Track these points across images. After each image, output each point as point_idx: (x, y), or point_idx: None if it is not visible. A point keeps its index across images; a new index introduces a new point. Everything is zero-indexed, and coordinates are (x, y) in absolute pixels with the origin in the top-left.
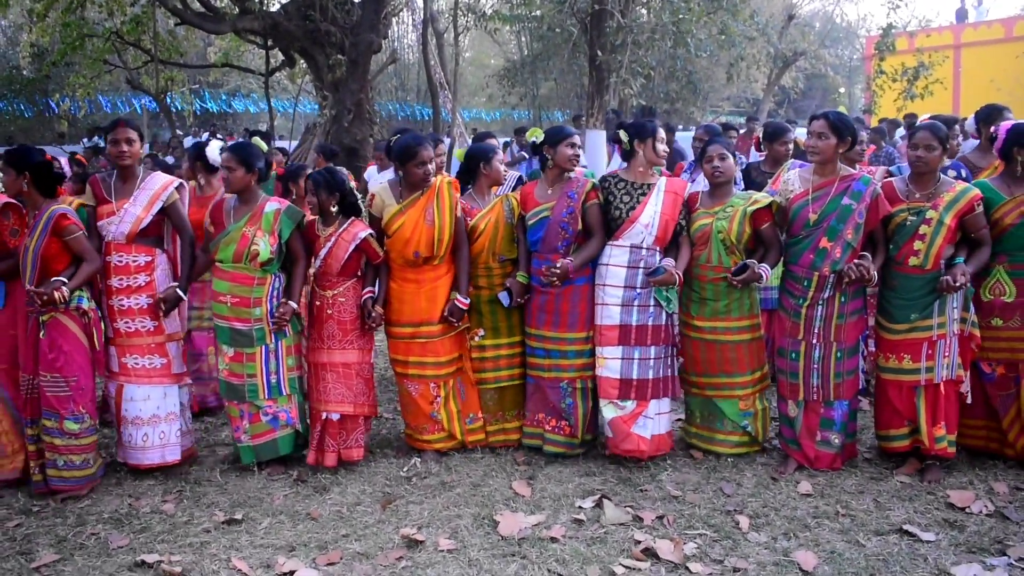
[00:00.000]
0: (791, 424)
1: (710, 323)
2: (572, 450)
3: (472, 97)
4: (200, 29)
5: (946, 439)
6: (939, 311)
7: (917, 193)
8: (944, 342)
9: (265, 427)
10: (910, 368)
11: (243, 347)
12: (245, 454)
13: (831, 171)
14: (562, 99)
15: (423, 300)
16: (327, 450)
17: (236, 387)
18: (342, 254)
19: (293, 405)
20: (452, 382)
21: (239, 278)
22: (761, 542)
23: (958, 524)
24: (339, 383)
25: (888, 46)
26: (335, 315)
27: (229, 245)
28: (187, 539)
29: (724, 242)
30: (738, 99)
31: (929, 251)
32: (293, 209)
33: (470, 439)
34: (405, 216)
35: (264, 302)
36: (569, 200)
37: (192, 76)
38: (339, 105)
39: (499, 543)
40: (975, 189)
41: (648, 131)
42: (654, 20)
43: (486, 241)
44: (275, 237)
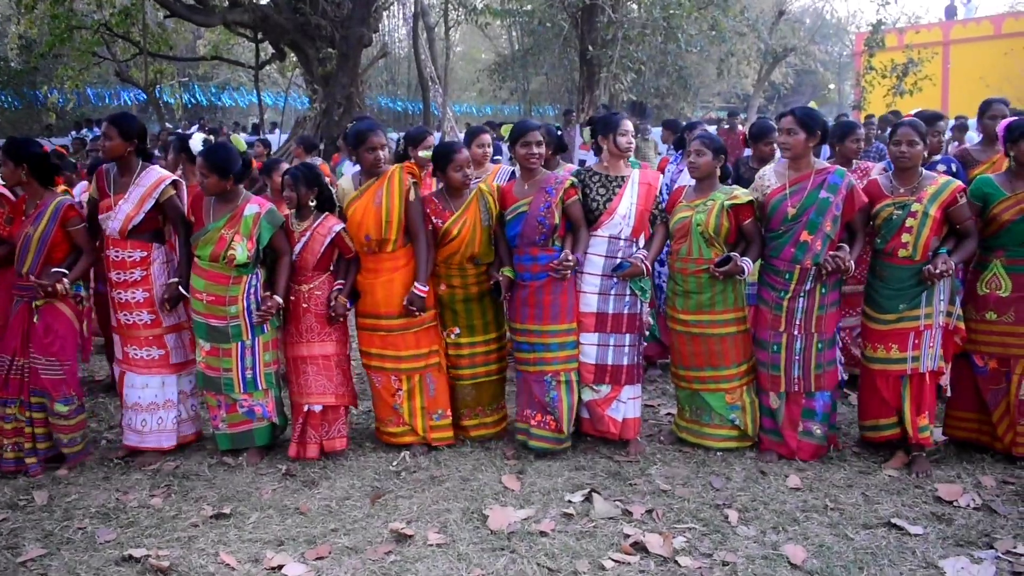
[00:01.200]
0: (773, 416)
1: (695, 316)
2: (558, 445)
3: (463, 92)
4: (189, 21)
5: (928, 428)
6: (927, 302)
7: (901, 188)
8: (930, 332)
9: (241, 418)
10: (897, 357)
11: (219, 342)
12: (221, 441)
13: (805, 165)
14: (553, 94)
15: (380, 291)
16: (309, 442)
17: (212, 379)
18: (318, 248)
19: (269, 399)
20: (417, 377)
21: (215, 277)
22: (750, 536)
23: (946, 517)
24: (320, 375)
25: (878, 42)
26: (312, 308)
27: (207, 245)
28: (175, 533)
29: (703, 235)
30: (728, 95)
31: (917, 243)
32: (273, 212)
33: (433, 436)
34: (358, 201)
35: (240, 300)
36: (547, 196)
37: (181, 69)
38: (329, 99)
39: (488, 537)
40: (956, 182)
41: (611, 125)
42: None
43: (460, 245)
44: (253, 241)
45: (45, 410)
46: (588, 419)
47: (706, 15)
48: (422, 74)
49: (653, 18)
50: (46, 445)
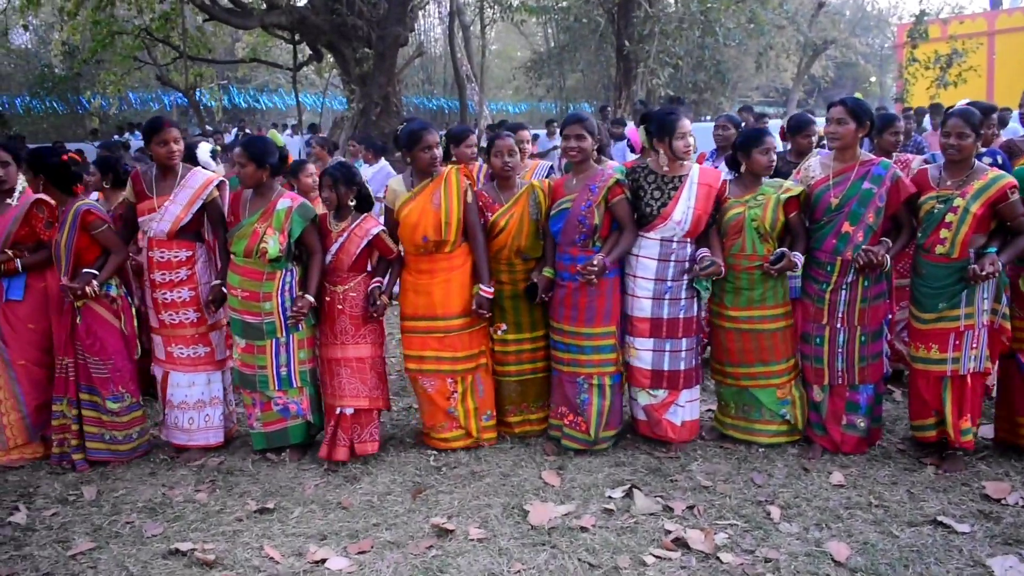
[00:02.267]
0: (817, 409)
1: (746, 312)
2: (587, 447)
3: (499, 90)
4: (228, 24)
5: (971, 431)
6: (967, 301)
7: (948, 181)
8: (972, 333)
9: (276, 416)
10: (937, 358)
11: (254, 339)
12: (257, 440)
13: (851, 156)
14: (589, 90)
15: (438, 292)
16: (339, 444)
17: (248, 376)
18: (354, 249)
19: (304, 397)
20: (470, 378)
21: (249, 272)
22: (792, 532)
23: (993, 515)
24: (353, 378)
25: (921, 33)
26: (347, 310)
27: (241, 240)
28: (220, 528)
29: (758, 230)
30: (767, 88)
31: (955, 239)
32: (306, 207)
33: (484, 436)
34: (414, 202)
35: (274, 296)
36: (590, 193)
37: (221, 72)
38: (366, 99)
39: (529, 532)
40: (1008, 177)
41: (667, 128)
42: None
43: (508, 238)
44: (284, 235)
45: (97, 408)
46: (645, 422)
47: (744, 8)
48: (458, 72)
49: (690, 12)
50: (97, 445)
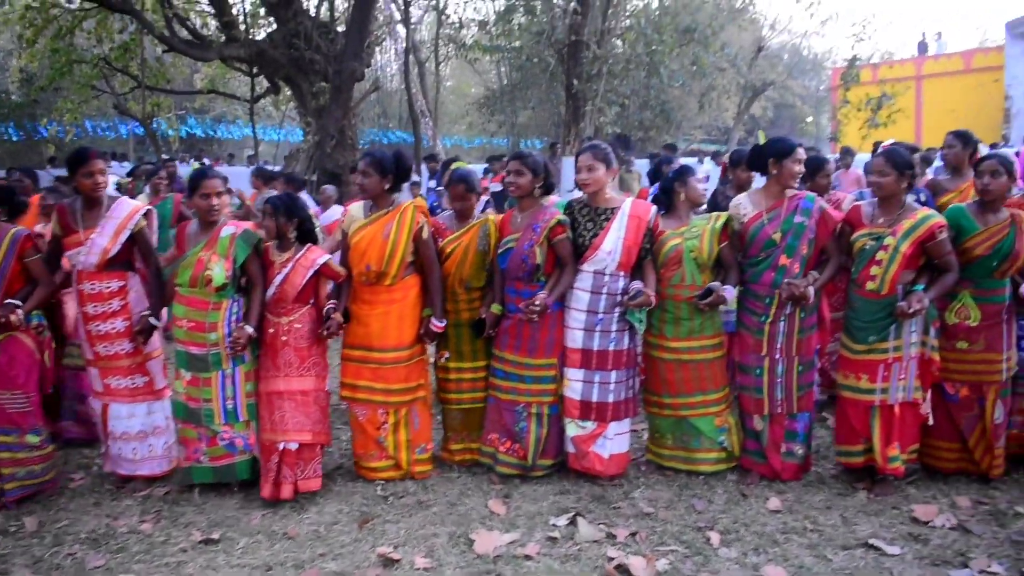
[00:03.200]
0: (757, 438)
1: (686, 343)
2: (523, 472)
3: (453, 125)
4: (187, 56)
5: (899, 459)
6: (895, 335)
7: (881, 218)
8: (900, 364)
9: (222, 451)
10: (867, 388)
11: (199, 371)
12: (201, 474)
13: (779, 193)
14: (540, 127)
15: (375, 323)
16: (284, 482)
17: (193, 410)
18: (300, 280)
19: (251, 432)
20: (404, 411)
21: (195, 303)
22: (731, 557)
23: (922, 538)
24: (298, 411)
25: (853, 77)
26: (291, 342)
27: (187, 269)
28: (164, 559)
29: (697, 260)
30: (710, 127)
31: (884, 277)
32: (249, 233)
33: (416, 470)
34: (366, 230)
35: (220, 327)
36: (532, 233)
37: (178, 102)
38: (322, 131)
39: (474, 561)
40: (937, 217)
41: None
42: (628, 51)
43: (452, 266)
44: (230, 261)
45: (11, 448)
46: (573, 454)
47: (687, 51)
48: (413, 108)
49: (636, 54)
50: (12, 485)
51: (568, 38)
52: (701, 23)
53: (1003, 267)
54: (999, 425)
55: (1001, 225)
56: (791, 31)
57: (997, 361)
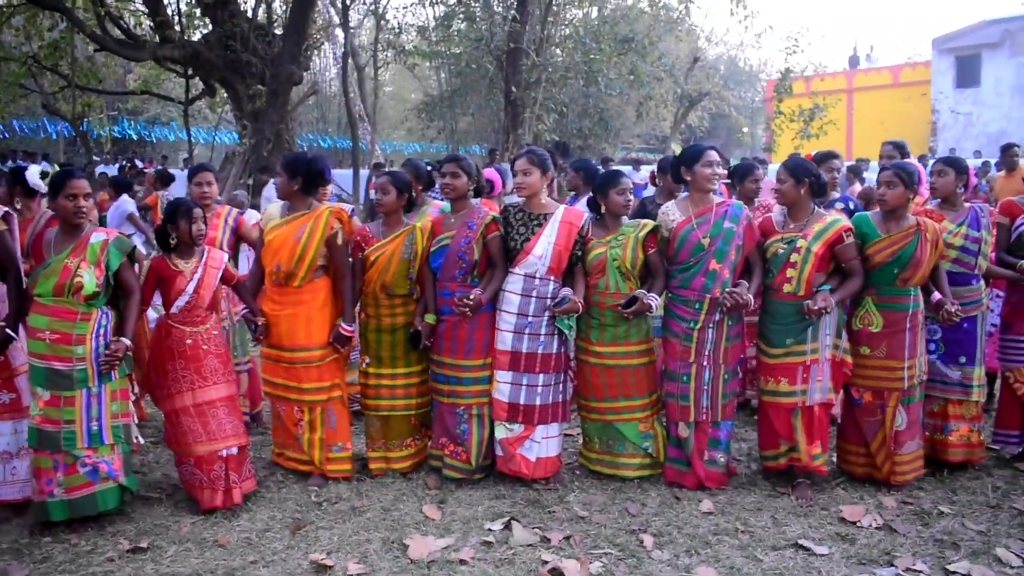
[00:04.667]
0: (682, 446)
1: (610, 348)
2: (468, 476)
3: (392, 130)
4: (119, 55)
5: (822, 456)
6: (812, 337)
7: (791, 224)
8: (817, 366)
9: (82, 479)
10: (787, 391)
11: (61, 390)
12: (56, 510)
13: (708, 199)
14: (480, 133)
15: (284, 324)
16: (233, 487)
17: (50, 434)
18: (214, 282)
19: (116, 456)
20: (319, 410)
21: (60, 313)
22: (664, 559)
23: (849, 537)
24: (233, 416)
25: (786, 89)
26: (212, 349)
27: (50, 277)
28: (90, 568)
29: (620, 269)
30: (648, 136)
31: (800, 278)
32: (122, 240)
33: (329, 468)
34: (280, 230)
35: (88, 340)
36: (468, 230)
37: (111, 103)
38: (259, 135)
39: (408, 567)
40: (844, 221)
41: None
42: (567, 59)
43: (376, 273)
44: (101, 269)
45: None
46: (501, 457)
47: (625, 61)
48: (351, 112)
49: (575, 62)
50: None
51: (507, 45)
52: (639, 33)
53: (904, 274)
54: (901, 432)
55: (903, 233)
56: (727, 43)
57: (899, 368)
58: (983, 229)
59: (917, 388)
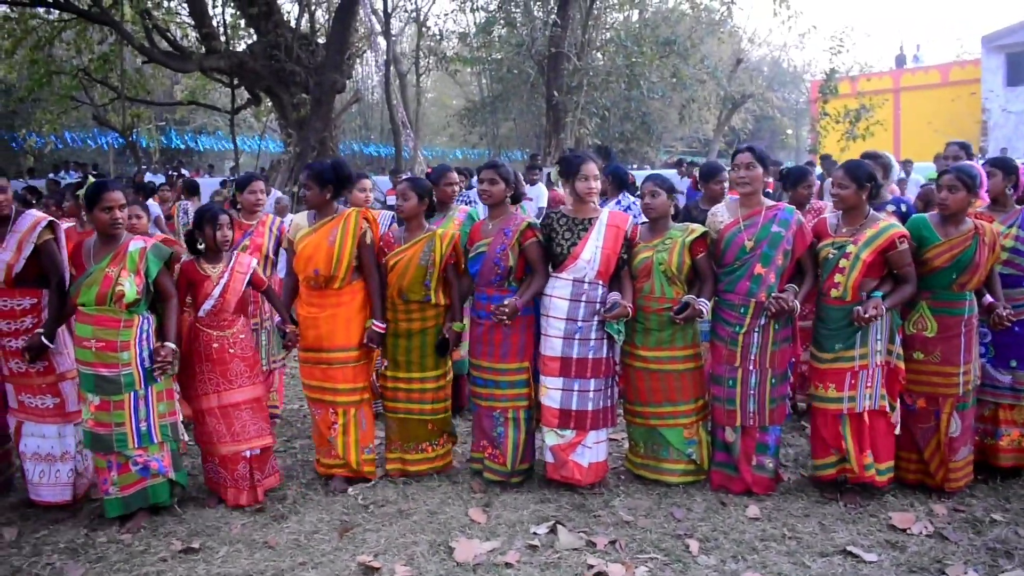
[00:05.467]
0: (729, 450)
1: (654, 353)
2: (505, 478)
3: (434, 136)
4: (167, 67)
5: (875, 467)
6: (861, 342)
7: (844, 228)
8: (866, 372)
9: (135, 477)
10: (834, 396)
11: (110, 394)
12: (112, 507)
13: (757, 201)
14: (521, 138)
15: (324, 325)
16: (257, 485)
17: (103, 437)
18: (240, 286)
19: (165, 453)
20: (353, 411)
21: (104, 321)
22: (710, 565)
23: (899, 545)
24: (257, 418)
25: (831, 89)
26: (238, 353)
27: (91, 287)
28: (143, 568)
29: (665, 273)
30: (690, 139)
31: (847, 284)
32: (159, 247)
33: (365, 469)
34: (311, 237)
35: (132, 346)
36: (504, 237)
37: (158, 113)
38: (303, 143)
39: (455, 569)
40: (898, 227)
41: (571, 169)
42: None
43: (395, 277)
44: (141, 277)
45: None
46: (553, 464)
47: (667, 63)
48: (394, 119)
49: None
50: None
51: (548, 50)
52: (680, 36)
53: (962, 279)
54: (955, 439)
55: (963, 237)
56: (770, 44)
57: (954, 374)
58: None
59: (971, 394)
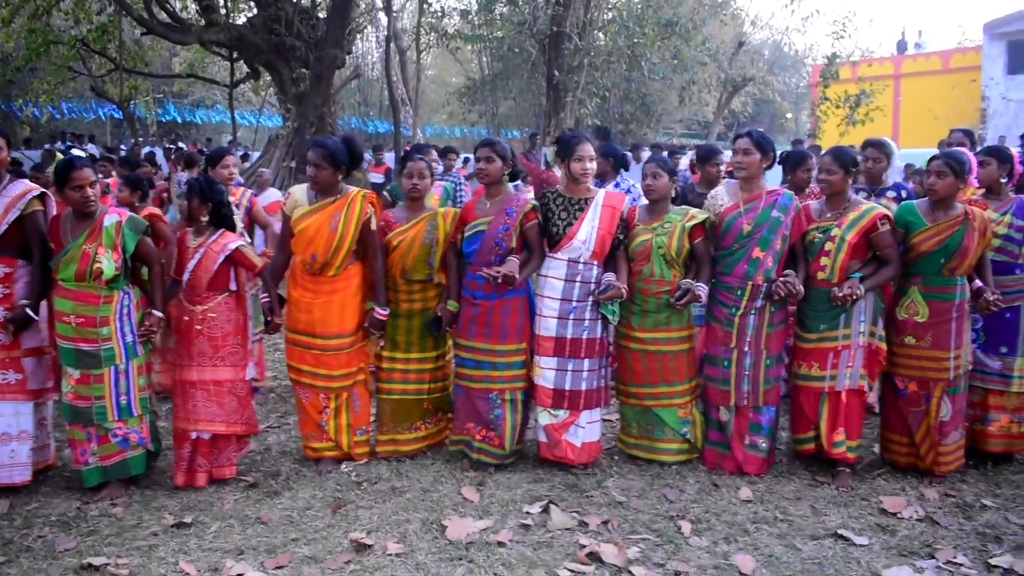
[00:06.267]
0: (722, 429)
1: (651, 334)
2: (501, 460)
3: (433, 114)
4: (166, 39)
5: (845, 444)
6: (845, 323)
7: (828, 213)
8: (848, 352)
9: (115, 448)
10: (817, 375)
11: (90, 368)
12: (91, 476)
13: (757, 186)
14: (521, 117)
15: (318, 311)
16: (198, 470)
17: (83, 410)
18: (211, 266)
19: (144, 425)
20: (345, 395)
21: (83, 297)
22: (702, 546)
23: (890, 528)
24: (210, 401)
25: (832, 74)
26: (205, 331)
27: (70, 264)
28: (135, 542)
29: (664, 257)
30: (690, 122)
31: (834, 266)
32: (135, 220)
33: (356, 451)
34: (312, 218)
35: (112, 320)
36: (507, 217)
37: (156, 85)
38: (302, 118)
39: (447, 547)
40: (879, 208)
41: (568, 149)
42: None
43: (397, 257)
44: (119, 252)
45: None
46: (545, 443)
47: (669, 45)
48: (393, 96)
49: (618, 47)
50: None
51: (550, 29)
52: (683, 17)
53: (951, 264)
54: (945, 423)
55: (951, 222)
56: (772, 27)
57: (944, 359)
58: None
59: (962, 379)
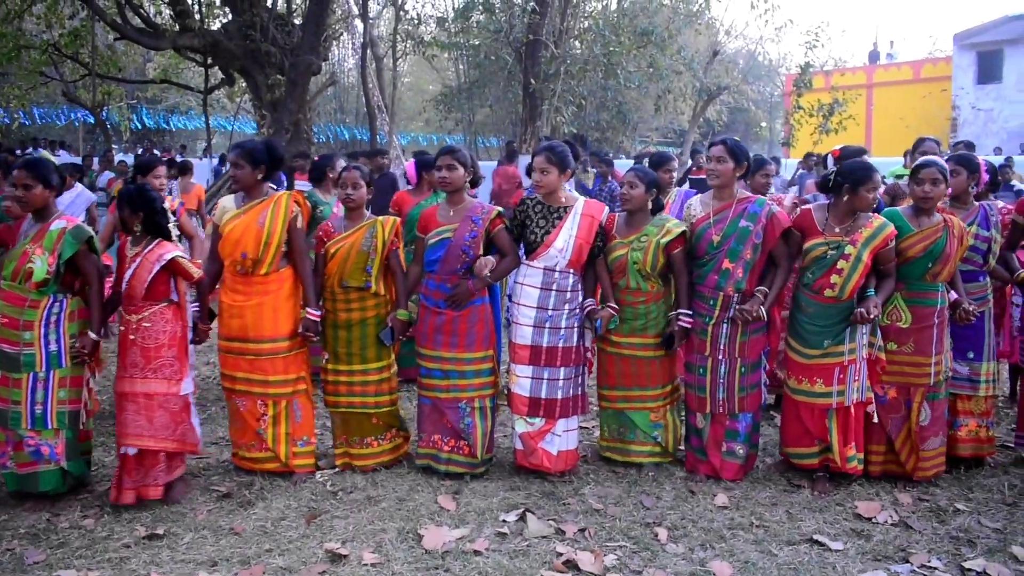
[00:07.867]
0: (699, 435)
1: (628, 339)
2: (473, 469)
3: (410, 121)
4: (139, 44)
5: (856, 458)
6: (850, 337)
7: (836, 227)
8: (854, 366)
9: (27, 458)
10: (822, 391)
11: (10, 371)
12: (9, 481)
13: (729, 195)
14: (497, 125)
15: (250, 315)
16: (124, 487)
17: (2, 411)
18: (145, 275)
19: (60, 440)
20: (284, 403)
21: (11, 298)
22: (679, 553)
23: (865, 533)
24: (139, 415)
25: (805, 83)
26: (139, 341)
27: (10, 262)
28: (106, 554)
29: (640, 272)
30: (666, 130)
31: (846, 284)
32: (80, 228)
33: (295, 463)
34: (240, 219)
35: (36, 326)
36: (473, 224)
37: (130, 91)
38: (277, 124)
39: (423, 557)
40: (891, 226)
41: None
42: (586, 52)
43: (335, 265)
44: (54, 256)
45: None
46: (522, 451)
47: (644, 54)
48: (369, 103)
49: (594, 55)
50: None
51: (526, 37)
52: (658, 26)
53: (935, 269)
54: (925, 428)
55: (935, 228)
56: (747, 37)
57: (926, 364)
58: (992, 228)
59: (943, 385)
